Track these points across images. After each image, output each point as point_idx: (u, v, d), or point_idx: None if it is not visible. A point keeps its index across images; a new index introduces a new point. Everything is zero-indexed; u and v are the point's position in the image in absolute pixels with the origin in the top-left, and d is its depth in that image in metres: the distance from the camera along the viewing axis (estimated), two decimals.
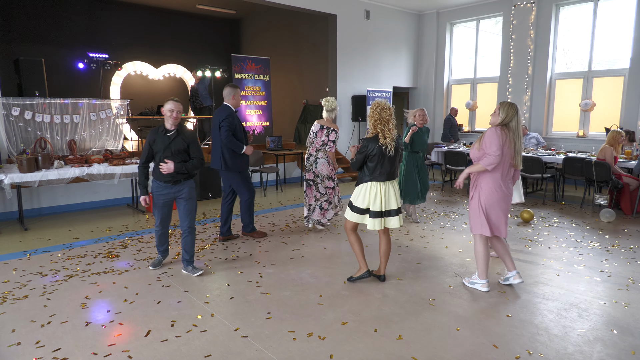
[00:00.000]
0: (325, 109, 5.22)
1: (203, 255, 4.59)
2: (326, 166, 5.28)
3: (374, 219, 3.59)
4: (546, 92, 9.48)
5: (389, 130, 3.49)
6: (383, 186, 3.58)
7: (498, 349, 2.76)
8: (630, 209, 6.27)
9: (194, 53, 13.52)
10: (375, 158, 3.51)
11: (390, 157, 3.53)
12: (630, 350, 2.76)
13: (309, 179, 5.34)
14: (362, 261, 3.79)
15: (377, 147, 3.50)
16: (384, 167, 3.53)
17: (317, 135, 5.23)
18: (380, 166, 3.53)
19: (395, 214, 3.66)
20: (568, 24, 9.28)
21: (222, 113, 4.64)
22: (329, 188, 5.36)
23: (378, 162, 3.52)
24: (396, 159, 3.61)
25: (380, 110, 3.48)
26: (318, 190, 5.35)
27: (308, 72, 12.26)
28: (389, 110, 3.50)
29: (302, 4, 9.07)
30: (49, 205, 6.50)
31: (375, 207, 3.57)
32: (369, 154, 3.52)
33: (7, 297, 3.54)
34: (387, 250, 3.80)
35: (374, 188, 3.57)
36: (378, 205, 3.57)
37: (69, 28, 11.53)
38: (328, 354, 2.71)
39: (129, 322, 3.13)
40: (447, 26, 11.23)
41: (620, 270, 4.16)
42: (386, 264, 3.85)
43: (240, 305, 3.40)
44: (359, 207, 3.63)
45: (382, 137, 3.49)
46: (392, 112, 3.53)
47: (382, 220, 3.63)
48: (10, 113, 6.08)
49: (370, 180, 3.58)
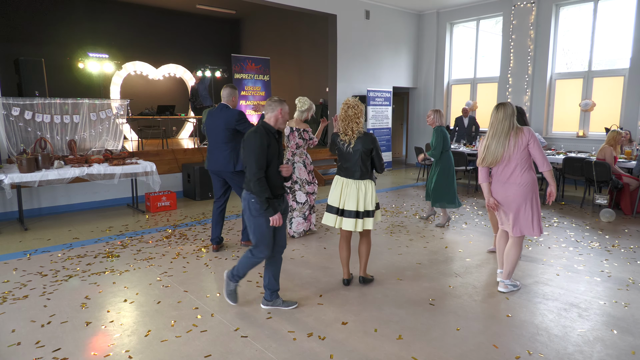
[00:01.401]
0: (298, 108, 5.07)
1: (203, 255, 4.59)
2: (304, 170, 5.10)
3: (328, 214, 3.65)
4: (546, 92, 9.48)
5: (351, 129, 3.54)
6: (345, 183, 3.61)
7: (498, 349, 2.76)
8: (630, 209, 6.28)
9: (194, 53, 13.53)
10: (340, 154, 3.63)
11: (349, 153, 3.55)
12: (630, 350, 2.76)
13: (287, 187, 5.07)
14: (343, 269, 3.80)
15: (339, 142, 3.61)
16: (344, 162, 3.61)
17: (290, 139, 5.04)
18: (342, 161, 3.62)
19: (353, 216, 3.53)
20: (568, 24, 9.28)
21: (230, 113, 4.41)
22: (310, 193, 5.15)
23: (340, 157, 3.64)
24: (355, 158, 3.52)
25: (347, 108, 3.56)
26: (295, 199, 5.11)
27: (308, 72, 12.26)
28: (355, 109, 3.54)
29: (302, 4, 9.07)
30: (49, 205, 6.50)
31: (333, 202, 3.63)
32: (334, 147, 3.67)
33: (7, 297, 3.54)
34: (364, 251, 3.73)
35: (337, 182, 3.67)
36: (335, 200, 3.61)
37: (69, 28, 11.54)
38: (328, 354, 2.71)
39: (129, 322, 3.13)
40: (447, 26, 11.23)
41: (620, 270, 4.16)
42: (366, 265, 3.79)
43: (240, 305, 3.39)
44: (332, 206, 3.67)
45: (342, 134, 3.58)
46: (359, 111, 3.55)
47: (336, 217, 3.60)
48: (10, 113, 6.08)
49: (336, 174, 3.71)
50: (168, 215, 6.29)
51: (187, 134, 13.09)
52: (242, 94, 10.05)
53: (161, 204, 6.59)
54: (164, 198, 6.61)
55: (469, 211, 6.61)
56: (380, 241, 5.05)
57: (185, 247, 4.83)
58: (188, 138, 12.82)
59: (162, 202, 6.60)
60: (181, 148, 8.67)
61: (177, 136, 12.98)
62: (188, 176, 7.48)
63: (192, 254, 4.60)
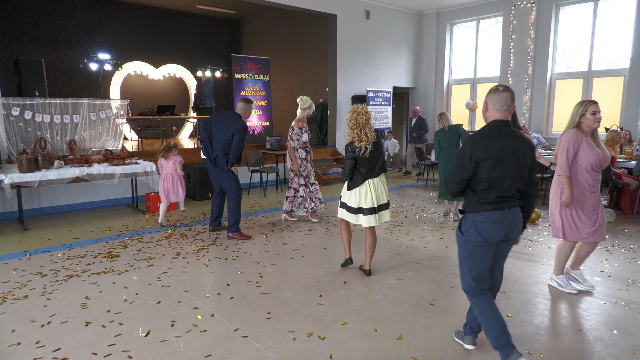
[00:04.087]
0: (300, 107, 5.67)
1: (203, 255, 4.59)
2: (290, 162, 5.78)
3: (368, 216, 3.76)
4: (546, 92, 9.48)
5: (365, 135, 3.67)
6: (372, 183, 3.75)
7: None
8: (630, 209, 6.28)
9: (194, 53, 13.53)
10: (363, 161, 3.70)
11: (365, 158, 3.70)
12: (630, 350, 2.76)
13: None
14: (346, 248, 4.09)
15: (360, 150, 3.68)
16: (363, 167, 3.72)
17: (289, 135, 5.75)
18: (361, 167, 3.73)
19: (386, 208, 3.87)
20: (568, 24, 9.28)
21: (238, 121, 4.96)
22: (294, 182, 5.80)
23: (365, 164, 3.72)
24: (376, 156, 3.74)
25: (357, 115, 3.68)
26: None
27: (308, 72, 12.26)
28: (366, 115, 3.70)
29: (302, 4, 9.07)
30: (49, 205, 6.50)
31: (367, 204, 3.74)
32: (357, 158, 3.70)
33: (7, 297, 3.54)
34: (372, 245, 3.96)
35: (364, 187, 3.76)
36: (370, 202, 3.75)
37: (69, 28, 11.53)
38: (328, 354, 2.71)
39: (129, 322, 3.13)
40: (447, 26, 11.23)
41: (620, 270, 4.16)
42: (371, 259, 4.01)
43: (240, 305, 3.39)
44: (353, 207, 3.81)
45: (357, 141, 3.67)
46: (368, 117, 3.71)
47: (377, 216, 3.79)
48: (10, 113, 6.08)
49: (362, 182, 3.76)
50: (168, 215, 6.29)
51: (187, 134, 13.09)
52: (242, 94, 10.05)
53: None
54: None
55: None
56: (381, 241, 5.05)
57: (185, 247, 4.83)
58: (188, 138, 12.83)
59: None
60: (181, 148, 8.67)
61: (177, 136, 12.99)
62: (188, 176, 7.48)
63: (192, 254, 4.60)
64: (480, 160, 2.37)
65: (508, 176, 2.38)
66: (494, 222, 2.41)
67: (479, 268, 2.48)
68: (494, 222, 2.41)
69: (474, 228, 2.44)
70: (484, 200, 2.42)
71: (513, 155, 2.37)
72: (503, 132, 2.40)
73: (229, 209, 5.13)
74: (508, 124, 2.44)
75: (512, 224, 2.45)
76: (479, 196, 2.44)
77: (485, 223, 2.42)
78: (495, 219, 2.41)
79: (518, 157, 2.38)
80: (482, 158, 2.36)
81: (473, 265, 2.49)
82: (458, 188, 2.50)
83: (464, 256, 2.53)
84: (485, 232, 2.42)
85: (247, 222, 5.98)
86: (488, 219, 2.41)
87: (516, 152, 2.38)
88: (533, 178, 2.52)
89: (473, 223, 2.45)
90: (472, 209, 2.46)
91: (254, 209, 6.81)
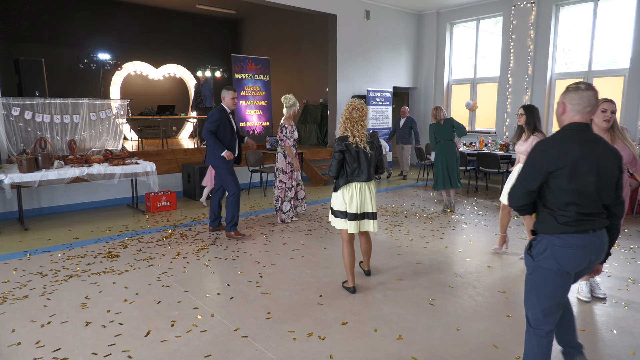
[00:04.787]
0: (285, 105, 5.70)
1: (203, 255, 4.59)
2: (282, 160, 5.74)
3: (351, 222, 3.52)
4: (546, 92, 9.47)
5: (358, 130, 3.47)
6: (359, 187, 3.53)
7: (498, 349, 2.76)
8: (630, 209, 6.28)
9: (194, 53, 13.53)
10: (352, 157, 3.47)
11: (366, 156, 3.49)
12: (630, 350, 2.76)
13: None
14: (349, 276, 3.66)
15: (350, 145, 3.46)
16: (352, 163, 3.49)
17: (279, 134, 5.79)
18: (357, 166, 3.50)
19: (372, 217, 3.60)
20: (568, 24, 9.28)
21: (211, 114, 5.03)
22: (282, 182, 5.76)
23: (355, 162, 3.48)
24: (367, 158, 3.51)
25: (352, 110, 3.50)
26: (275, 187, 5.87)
27: (308, 72, 12.26)
28: (361, 110, 3.50)
29: (302, 4, 9.06)
30: (49, 205, 6.50)
31: (352, 209, 3.52)
32: (345, 152, 3.47)
33: (7, 297, 3.54)
34: (368, 249, 3.92)
35: (349, 189, 3.53)
36: (354, 207, 3.51)
37: (69, 28, 11.53)
38: (328, 354, 2.71)
39: (129, 322, 3.13)
40: (447, 26, 11.23)
41: (620, 270, 4.16)
42: (369, 260, 3.99)
43: (240, 305, 3.39)
44: (338, 210, 3.57)
45: (351, 136, 3.49)
46: (364, 113, 3.50)
47: (359, 223, 3.56)
48: (10, 113, 6.08)
49: (347, 183, 3.52)
50: (168, 215, 6.30)
51: (187, 134, 13.09)
52: (242, 94, 10.05)
53: (161, 204, 6.59)
54: (164, 198, 6.62)
55: (469, 211, 6.61)
56: (380, 241, 5.05)
57: (185, 247, 4.83)
58: (188, 138, 12.83)
59: (162, 202, 6.60)
60: (181, 148, 8.68)
61: (177, 136, 12.99)
62: (188, 176, 7.48)
63: (192, 254, 4.60)
64: (552, 169, 2.00)
65: (588, 189, 1.99)
66: (576, 247, 2.00)
67: (551, 301, 2.08)
68: (575, 247, 2.00)
69: (550, 253, 2.03)
70: (562, 219, 2.02)
71: (594, 165, 1.99)
72: (582, 137, 2.02)
73: (227, 207, 5.14)
74: (589, 128, 2.06)
75: (598, 249, 2.06)
76: (554, 213, 2.04)
77: (564, 249, 2.01)
78: (577, 243, 2.00)
79: (600, 166, 2.00)
80: (554, 167, 2.00)
81: (544, 296, 2.08)
82: (522, 201, 2.11)
83: (533, 283, 2.12)
84: (563, 259, 2.02)
85: (247, 222, 5.98)
86: (568, 244, 2.00)
87: (598, 160, 1.99)
88: (619, 196, 2.11)
89: (548, 247, 2.04)
90: (546, 229, 2.06)
91: (254, 209, 6.81)
